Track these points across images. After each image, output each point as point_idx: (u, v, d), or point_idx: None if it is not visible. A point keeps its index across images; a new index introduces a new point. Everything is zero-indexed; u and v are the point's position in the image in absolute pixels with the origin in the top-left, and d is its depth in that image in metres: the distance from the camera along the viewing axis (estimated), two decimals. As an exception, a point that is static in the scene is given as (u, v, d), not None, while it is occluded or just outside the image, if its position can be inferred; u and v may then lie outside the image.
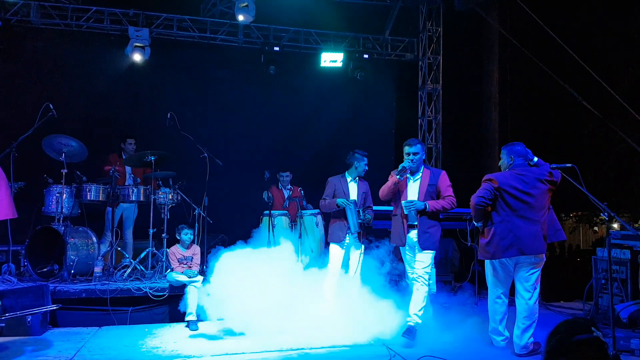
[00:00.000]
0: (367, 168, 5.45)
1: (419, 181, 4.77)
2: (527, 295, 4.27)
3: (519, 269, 4.32)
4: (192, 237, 5.67)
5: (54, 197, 5.95)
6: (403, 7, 9.10)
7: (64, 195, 5.95)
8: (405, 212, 4.66)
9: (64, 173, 5.96)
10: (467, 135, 9.16)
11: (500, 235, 4.24)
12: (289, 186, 7.15)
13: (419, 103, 9.35)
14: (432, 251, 4.70)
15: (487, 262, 4.47)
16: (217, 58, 9.00)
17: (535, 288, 4.29)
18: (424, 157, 4.87)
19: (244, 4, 7.99)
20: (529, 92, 8.55)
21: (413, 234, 4.68)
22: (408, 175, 4.75)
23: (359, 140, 8.60)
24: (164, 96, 8.48)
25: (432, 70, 9.29)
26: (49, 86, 7.99)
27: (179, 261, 5.45)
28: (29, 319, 4.68)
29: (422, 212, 4.63)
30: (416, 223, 4.66)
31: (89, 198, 6.10)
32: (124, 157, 6.94)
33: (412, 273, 4.76)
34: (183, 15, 8.77)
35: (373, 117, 9.46)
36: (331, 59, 9.00)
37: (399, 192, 4.80)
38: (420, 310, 4.59)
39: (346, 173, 5.44)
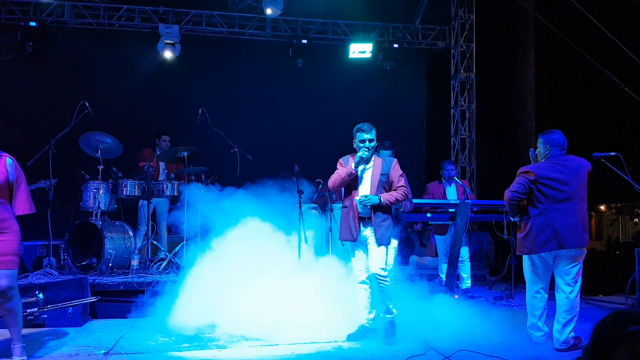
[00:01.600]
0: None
1: (370, 170, 4.38)
2: (568, 290, 4.13)
3: (558, 263, 4.18)
4: None
5: (91, 193, 6.10)
6: (434, -6, 8.94)
7: (101, 190, 6.09)
8: (359, 209, 4.31)
9: (100, 169, 6.11)
10: (502, 124, 8.94)
11: (537, 229, 4.10)
12: (320, 180, 7.12)
13: (452, 92, 9.17)
14: (387, 247, 4.32)
15: (525, 257, 4.33)
16: (245, 53, 9.04)
17: (576, 282, 4.14)
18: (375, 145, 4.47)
19: (272, -3, 7.99)
20: (567, 78, 8.28)
21: (367, 230, 4.33)
22: (374, 200, 4.29)
23: (389, 132, 8.46)
24: (194, 92, 8.60)
25: (464, 58, 9.08)
26: (84, 84, 8.20)
27: None
28: (69, 311, 4.81)
29: (376, 207, 4.27)
30: (370, 217, 4.30)
31: (124, 193, 6.25)
32: (157, 152, 7.06)
33: (366, 271, 4.39)
34: (212, 11, 8.84)
35: (403, 108, 9.33)
36: (360, 50, 8.91)
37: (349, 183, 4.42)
38: (391, 304, 4.37)
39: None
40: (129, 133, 7.82)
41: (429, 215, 5.75)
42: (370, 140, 4.34)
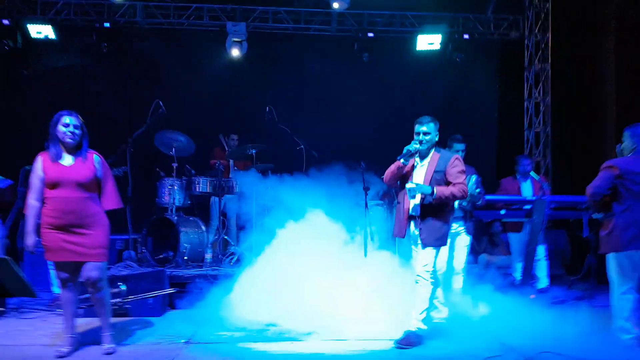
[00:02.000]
0: (463, 154, 5.07)
1: (425, 166, 4.11)
2: None
3: None
4: None
5: (167, 189, 6.34)
6: (507, -17, 8.54)
7: (175, 187, 6.31)
8: (410, 198, 4.02)
9: (174, 167, 6.32)
10: (580, 117, 8.39)
11: (622, 227, 3.93)
12: None
13: (525, 84, 8.74)
14: (436, 249, 4.04)
15: (610, 256, 4.09)
16: (311, 48, 9.00)
17: None
18: (436, 139, 4.18)
19: (339, -9, 7.92)
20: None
21: (414, 227, 4.11)
22: (416, 159, 4.10)
23: (458, 126, 8.19)
24: (260, 89, 8.68)
25: (539, 48, 8.62)
26: (156, 83, 8.48)
27: None
28: (150, 301, 5.01)
29: (426, 205, 4.00)
30: (418, 214, 4.04)
31: (197, 190, 6.45)
32: (227, 150, 7.21)
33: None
34: (278, 7, 8.87)
35: (474, 101, 8.98)
36: (428, 41, 8.66)
37: (403, 178, 4.17)
38: (421, 314, 4.05)
39: None
40: (199, 131, 8.02)
41: (503, 212, 5.52)
42: (425, 133, 4.09)
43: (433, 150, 4.16)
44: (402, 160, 4.07)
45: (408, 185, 3.98)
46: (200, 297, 5.18)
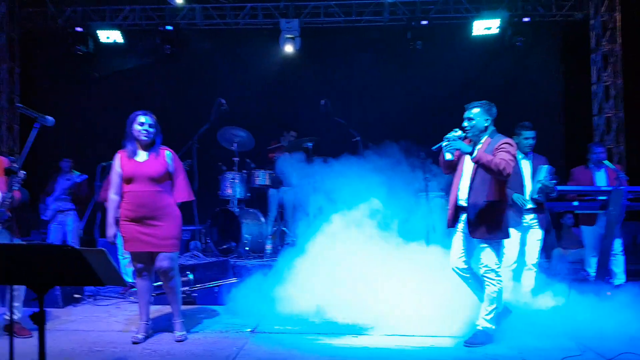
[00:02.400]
0: (532, 142, 4.88)
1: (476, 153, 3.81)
2: None
3: None
4: None
5: (228, 183, 6.55)
6: (569, -40, 8.12)
7: (237, 180, 6.51)
8: (445, 152, 3.79)
9: (236, 161, 6.53)
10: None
11: None
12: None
13: (592, 67, 8.29)
14: (495, 242, 3.75)
15: None
16: (362, 40, 8.97)
17: None
18: (487, 124, 3.87)
19: (392, -21, 7.84)
20: None
21: (464, 216, 3.82)
22: (465, 147, 3.74)
23: (520, 112, 7.88)
24: (314, 83, 8.76)
25: (607, 29, 8.15)
26: (216, 82, 8.75)
27: None
28: (215, 290, 5.21)
29: (474, 191, 3.74)
30: (465, 202, 3.77)
31: (257, 183, 6.63)
32: (284, 144, 7.34)
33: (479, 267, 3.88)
34: (329, 1, 8.90)
35: (536, 86, 8.61)
36: (485, 26, 8.39)
37: (455, 167, 3.94)
38: (489, 314, 3.85)
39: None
40: (257, 126, 8.22)
41: (575, 203, 5.25)
42: (470, 119, 3.88)
43: (486, 136, 3.89)
44: (447, 155, 3.84)
45: (447, 137, 3.78)
46: (262, 287, 5.32)
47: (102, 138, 7.78)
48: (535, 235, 4.80)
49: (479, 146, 3.84)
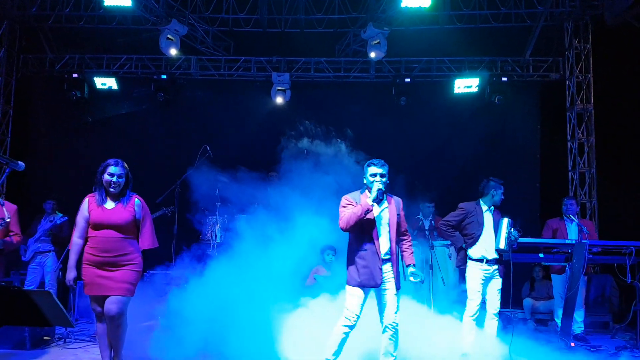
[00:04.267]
0: (503, 197, 5.02)
1: (387, 209, 4.07)
2: None
3: None
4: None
5: (209, 227, 6.69)
6: (545, 26, 8.61)
7: (218, 225, 6.66)
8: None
9: (218, 205, 6.70)
10: (625, 158, 8.16)
11: None
12: (431, 217, 7.06)
13: (568, 125, 8.65)
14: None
15: None
16: (350, 94, 9.37)
17: None
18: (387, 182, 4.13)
19: (376, 42, 8.33)
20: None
21: (388, 272, 4.04)
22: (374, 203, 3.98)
23: (498, 167, 8.18)
24: (303, 134, 9.03)
25: (581, 89, 8.57)
26: (207, 129, 9.04)
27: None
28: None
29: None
30: (389, 257, 4.04)
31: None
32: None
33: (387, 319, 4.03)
34: (319, 58, 9.37)
35: (515, 142, 8.94)
36: (465, 84, 8.82)
37: (362, 222, 3.98)
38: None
39: (480, 200, 5.08)
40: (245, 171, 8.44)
41: (541, 255, 5.40)
42: (382, 175, 4.06)
43: (387, 195, 4.14)
44: (374, 202, 3.97)
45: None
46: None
47: (92, 181, 7.91)
48: (497, 285, 4.90)
49: (385, 203, 4.08)
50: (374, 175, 4.06)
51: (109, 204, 3.96)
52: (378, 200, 3.97)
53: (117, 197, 3.98)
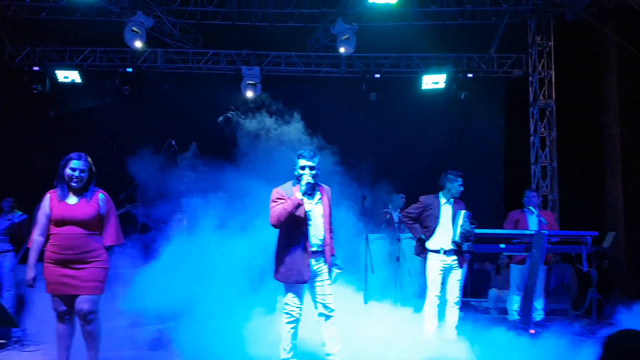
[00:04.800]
0: (462, 189, 5.11)
1: (320, 203, 4.00)
2: None
3: None
4: None
5: (175, 223, 6.61)
6: (509, 24, 8.83)
7: (185, 222, 6.59)
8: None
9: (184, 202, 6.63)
10: (585, 152, 8.49)
11: None
12: (398, 209, 7.17)
13: (531, 120, 8.91)
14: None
15: None
16: (321, 89, 9.39)
17: None
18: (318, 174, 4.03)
19: (345, 37, 8.38)
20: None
21: (320, 263, 4.01)
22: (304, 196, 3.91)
23: (464, 161, 8.33)
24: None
25: (543, 85, 8.83)
26: (174, 123, 8.90)
27: None
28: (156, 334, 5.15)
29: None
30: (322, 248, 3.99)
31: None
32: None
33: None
34: (290, 52, 9.36)
35: (480, 136, 9.15)
36: (433, 80, 8.98)
37: (293, 217, 3.89)
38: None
39: (440, 194, 5.18)
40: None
41: (502, 246, 5.56)
42: (312, 168, 3.90)
43: (318, 185, 4.06)
44: (305, 197, 3.90)
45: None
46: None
47: (54, 178, 7.73)
48: (456, 276, 5.03)
49: (317, 196, 4.01)
50: (303, 167, 3.91)
51: (72, 200, 3.82)
52: (307, 194, 3.88)
53: (80, 192, 3.84)
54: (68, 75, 8.90)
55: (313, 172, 3.90)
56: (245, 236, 5.18)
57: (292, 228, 3.92)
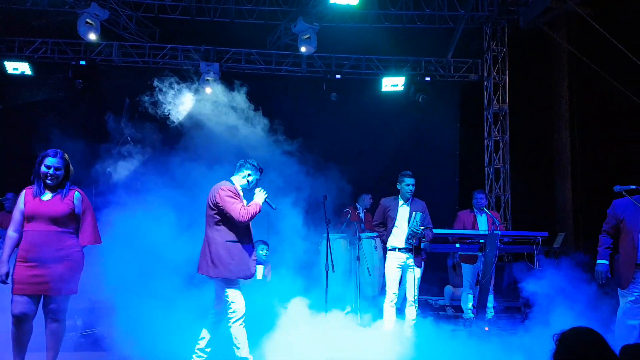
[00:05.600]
0: (412, 188, 5.28)
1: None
2: None
3: None
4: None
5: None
6: (466, 29, 9.07)
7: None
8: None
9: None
10: (536, 155, 8.85)
11: None
12: (348, 209, 7.23)
13: (485, 123, 9.19)
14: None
15: None
16: (282, 88, 9.36)
17: None
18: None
19: (307, 36, 8.38)
20: (601, 109, 8.15)
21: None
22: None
23: (421, 163, 8.52)
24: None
25: (497, 89, 9.13)
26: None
27: None
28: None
29: None
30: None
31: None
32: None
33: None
34: (250, 49, 9.27)
35: (436, 139, 9.37)
36: (392, 83, 9.11)
37: None
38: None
39: (399, 195, 5.40)
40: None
41: (457, 245, 5.72)
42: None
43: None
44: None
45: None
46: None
47: (4, 171, 7.44)
48: (413, 274, 5.16)
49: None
50: (257, 180, 4.34)
51: (46, 196, 3.73)
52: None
53: (56, 189, 3.76)
54: (18, 67, 8.54)
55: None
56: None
57: (247, 227, 4.13)
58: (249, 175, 4.28)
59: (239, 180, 4.27)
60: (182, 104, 6.65)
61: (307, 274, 5.81)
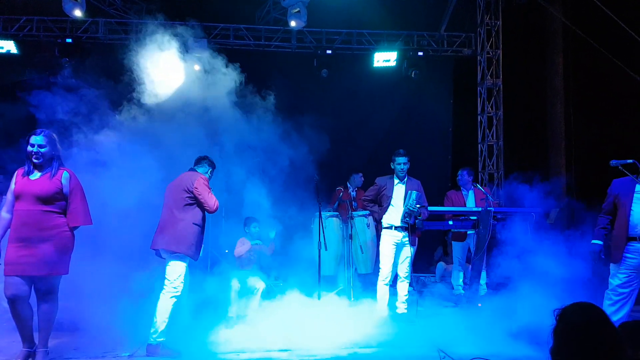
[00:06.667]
0: (404, 167, 5.27)
1: None
2: None
3: None
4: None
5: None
6: (459, 2, 8.86)
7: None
8: None
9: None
10: (530, 131, 8.77)
11: None
12: (340, 187, 7.17)
13: (478, 99, 9.07)
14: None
15: None
16: (272, 64, 9.18)
17: None
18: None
19: (296, 10, 8.17)
20: (596, 84, 8.04)
21: None
22: None
23: (414, 139, 8.45)
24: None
25: (491, 64, 8.99)
26: (115, 96, 8.49)
27: None
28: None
29: None
30: None
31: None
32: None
33: None
34: (239, 25, 9.06)
35: (429, 115, 9.22)
36: (384, 58, 8.96)
37: None
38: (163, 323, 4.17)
39: (394, 175, 5.39)
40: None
41: (450, 223, 5.70)
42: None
43: None
44: None
45: None
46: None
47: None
48: (406, 252, 5.18)
49: None
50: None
51: (35, 175, 3.76)
52: None
53: (43, 167, 3.77)
54: (3, 46, 8.40)
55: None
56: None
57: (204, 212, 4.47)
58: (210, 171, 4.66)
59: (204, 173, 4.57)
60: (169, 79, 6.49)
61: (299, 253, 5.79)
